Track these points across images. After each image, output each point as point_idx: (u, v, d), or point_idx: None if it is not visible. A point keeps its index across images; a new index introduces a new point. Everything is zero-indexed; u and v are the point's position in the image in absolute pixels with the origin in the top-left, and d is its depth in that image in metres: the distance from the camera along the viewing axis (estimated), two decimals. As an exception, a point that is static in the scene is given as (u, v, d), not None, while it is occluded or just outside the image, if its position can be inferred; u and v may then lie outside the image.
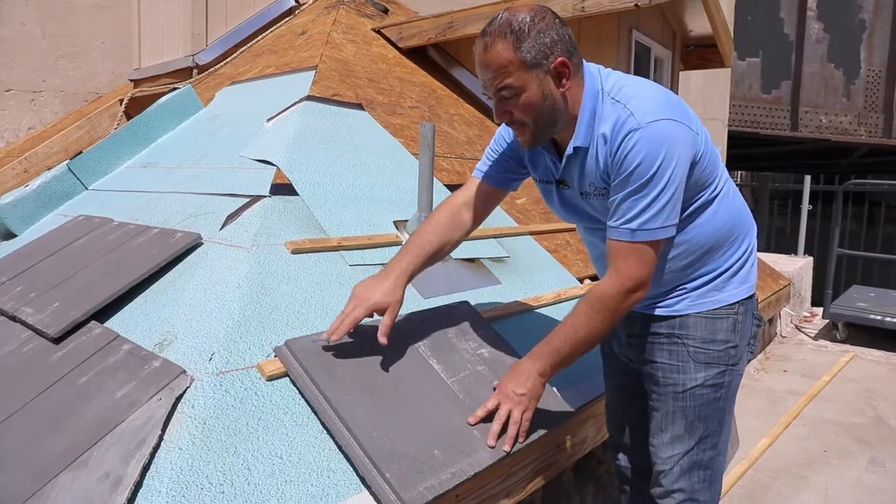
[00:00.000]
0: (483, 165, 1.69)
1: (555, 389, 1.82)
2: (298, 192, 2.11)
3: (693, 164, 1.38)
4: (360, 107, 2.93)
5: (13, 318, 1.80)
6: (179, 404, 1.26)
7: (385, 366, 1.56)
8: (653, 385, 1.61)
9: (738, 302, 1.53)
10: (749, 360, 1.62)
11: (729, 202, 1.51)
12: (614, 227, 1.36)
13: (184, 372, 1.32)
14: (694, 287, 1.53)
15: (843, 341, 5.15)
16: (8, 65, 5.37)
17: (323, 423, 1.38)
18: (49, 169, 3.18)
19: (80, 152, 3.03)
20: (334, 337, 1.44)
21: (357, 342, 1.58)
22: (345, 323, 1.45)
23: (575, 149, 1.41)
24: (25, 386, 1.49)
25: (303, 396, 1.40)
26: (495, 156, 1.67)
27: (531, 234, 2.89)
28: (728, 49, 4.77)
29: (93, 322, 1.64)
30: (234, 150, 2.52)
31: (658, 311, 1.56)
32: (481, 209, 1.68)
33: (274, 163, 2.22)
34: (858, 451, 3.23)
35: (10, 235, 2.75)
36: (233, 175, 2.30)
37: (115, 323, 1.64)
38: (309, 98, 2.72)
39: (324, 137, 2.51)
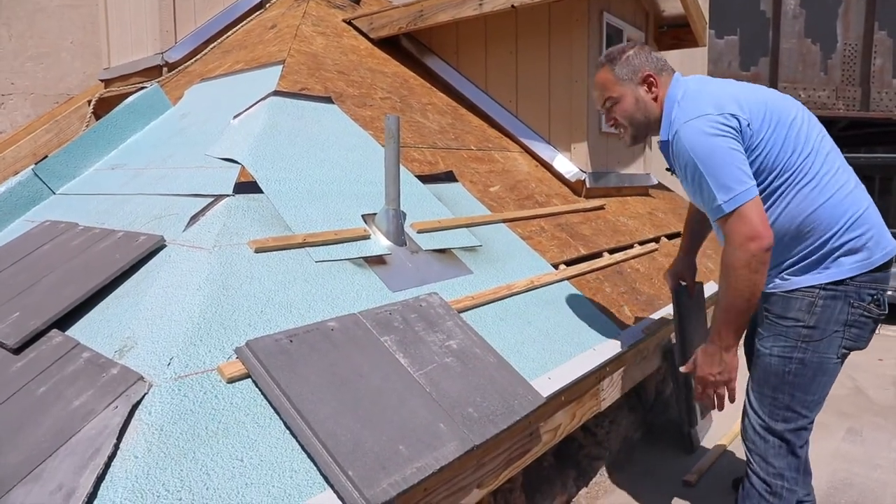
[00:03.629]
0: None
1: (524, 377, 1.83)
2: (263, 189, 2.09)
3: (749, 141, 1.61)
4: (328, 100, 2.90)
5: (-24, 329, 1.78)
6: (136, 411, 1.25)
7: (349, 363, 1.55)
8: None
9: (814, 286, 1.66)
10: (850, 348, 1.70)
11: (804, 195, 1.64)
12: (712, 209, 1.60)
13: (141, 378, 1.31)
14: (779, 270, 1.72)
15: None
16: (-25, 68, 5.27)
17: (286, 424, 1.37)
18: (16, 174, 3.13)
19: (47, 156, 2.98)
20: None
21: (321, 340, 1.57)
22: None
23: (661, 143, 1.76)
24: (-14, 398, 1.47)
25: (265, 397, 1.40)
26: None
27: (504, 221, 2.88)
28: (701, 28, 4.76)
29: (54, 330, 1.62)
30: (201, 149, 2.49)
31: (766, 289, 1.74)
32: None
33: (238, 160, 2.19)
34: (836, 423, 3.27)
35: (-23, 243, 2.71)
36: (199, 174, 2.27)
37: (77, 330, 1.63)
38: (276, 93, 2.69)
39: (290, 133, 2.49)
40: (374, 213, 2.27)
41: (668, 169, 1.82)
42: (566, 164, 3.87)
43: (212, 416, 1.29)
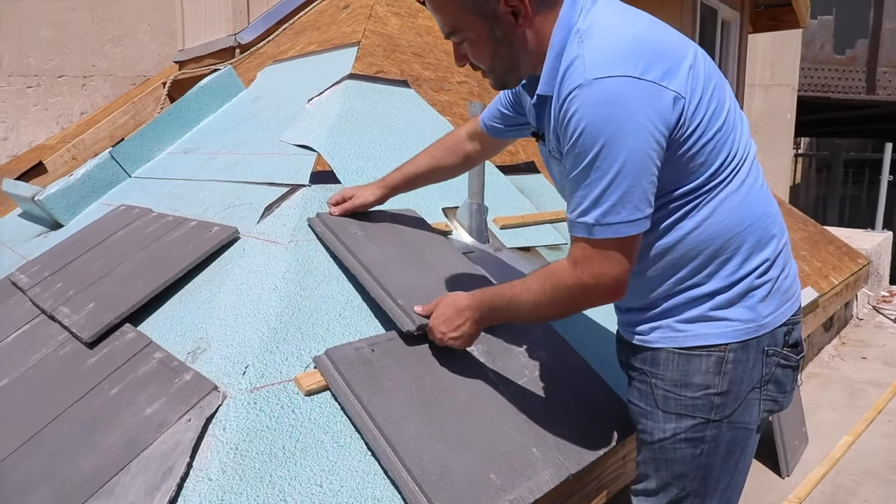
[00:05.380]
0: (487, 109, 1.58)
1: (620, 395, 1.65)
2: (340, 179, 1.97)
3: (676, 138, 1.07)
4: (405, 84, 2.76)
5: (52, 318, 1.74)
6: (210, 425, 1.15)
7: (435, 375, 1.42)
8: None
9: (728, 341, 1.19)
10: (770, 411, 1.26)
11: (741, 198, 1.16)
12: (571, 220, 1.11)
13: (216, 388, 1.21)
14: (670, 312, 1.22)
15: (929, 325, 4.76)
16: (60, 51, 5.41)
17: (367, 444, 1.24)
18: (95, 155, 3.15)
19: (123, 139, 2.97)
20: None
21: (404, 349, 1.44)
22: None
23: (538, 97, 1.17)
24: (60, 394, 1.41)
25: (345, 413, 1.28)
26: (498, 99, 1.53)
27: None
28: (804, 7, 4.36)
29: (126, 325, 1.55)
30: (275, 134, 2.40)
31: (634, 340, 1.29)
32: (485, 148, 1.67)
33: (314, 148, 2.08)
34: None
35: (57, 225, 2.73)
36: (272, 161, 2.18)
37: (149, 326, 1.55)
38: (351, 76, 2.57)
39: (367, 118, 2.36)
40: (455, 207, 2.12)
41: (534, 133, 1.30)
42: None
43: (289, 434, 1.18)
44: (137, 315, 1.58)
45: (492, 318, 1.31)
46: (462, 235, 2.04)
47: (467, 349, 1.55)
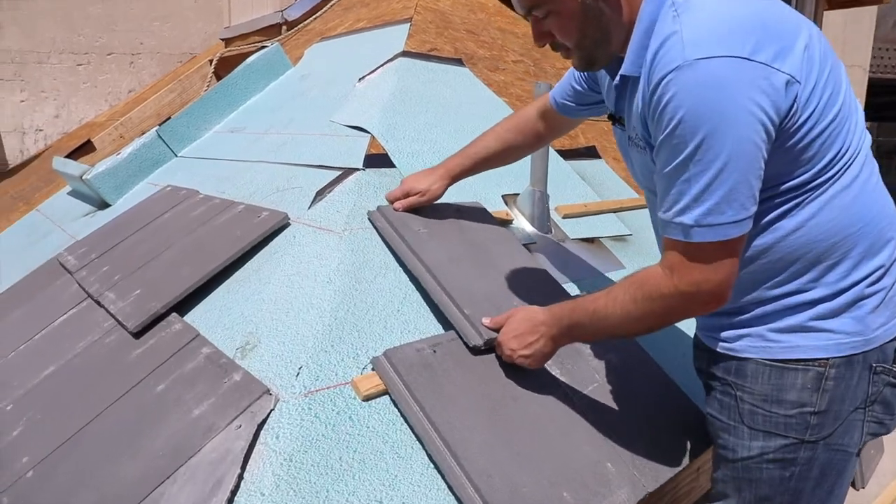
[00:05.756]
0: (558, 86, 1.44)
1: (695, 403, 1.51)
2: (395, 163, 1.85)
3: (786, 128, 0.93)
4: (459, 62, 2.62)
5: (98, 303, 1.68)
6: (262, 432, 1.06)
7: (500, 380, 1.30)
8: (712, 441, 1.25)
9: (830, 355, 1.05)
10: (876, 434, 1.12)
11: (853, 196, 1.01)
12: (665, 219, 0.98)
13: (268, 391, 1.11)
14: (762, 319, 1.08)
15: None
16: (108, 28, 5.42)
17: (429, 456, 1.14)
18: (142, 134, 3.10)
19: (170, 117, 2.91)
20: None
21: (467, 351, 1.32)
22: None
23: (622, 77, 1.06)
24: (105, 387, 1.34)
25: (406, 421, 1.17)
26: (571, 74, 1.39)
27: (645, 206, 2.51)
28: (887, -19, 4.03)
29: (173, 315, 1.47)
30: (324, 114, 2.29)
31: (717, 347, 1.15)
32: (555, 128, 1.55)
33: (367, 129, 1.97)
34: None
35: (104, 205, 2.70)
36: (323, 143, 2.08)
37: (196, 317, 1.47)
38: (404, 54, 2.44)
39: (421, 98, 2.23)
40: (516, 195, 1.99)
41: (611, 116, 1.18)
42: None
43: (346, 444, 1.08)
44: (184, 304, 1.50)
45: (571, 336, 1.19)
46: (523, 225, 1.90)
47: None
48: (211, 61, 4.50)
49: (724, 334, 1.15)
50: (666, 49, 0.92)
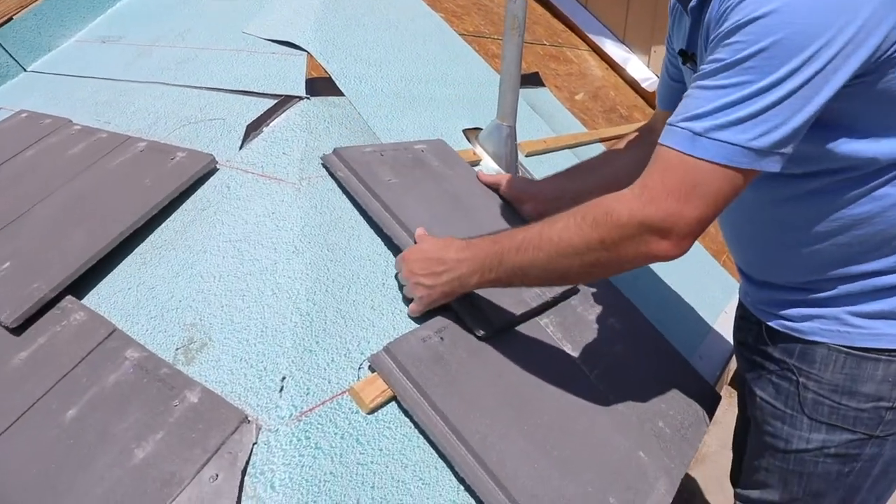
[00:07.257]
0: (659, 98, 1.22)
1: (698, 372, 1.40)
2: (342, 89, 1.49)
3: (886, 51, 0.71)
4: (390, -33, 2.21)
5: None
6: (247, 480, 0.76)
7: (519, 366, 1.07)
8: (753, 424, 1.14)
9: None
10: None
11: None
12: (671, 123, 0.77)
13: (245, 419, 0.80)
14: (842, 300, 0.94)
15: None
16: None
17: (457, 475, 0.90)
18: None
19: (12, 18, 2.25)
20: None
21: (474, 338, 1.07)
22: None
23: None
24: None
25: (421, 433, 0.91)
26: (663, 78, 1.18)
27: (601, 140, 2.34)
28: None
29: (68, 299, 1.07)
30: (233, 24, 1.83)
31: (774, 323, 1.03)
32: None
33: (301, 46, 1.57)
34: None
35: (-75, 133, 2.05)
36: (239, 60, 1.65)
37: (102, 300, 1.09)
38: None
39: (355, 8, 1.85)
40: (478, 129, 1.71)
41: (682, 52, 0.98)
42: (643, 70, 3.26)
43: (361, 480, 0.81)
44: (80, 283, 1.11)
45: (483, 281, 0.94)
46: (491, 165, 1.64)
47: (538, 320, 1.21)
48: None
49: (789, 312, 1.00)
50: None
